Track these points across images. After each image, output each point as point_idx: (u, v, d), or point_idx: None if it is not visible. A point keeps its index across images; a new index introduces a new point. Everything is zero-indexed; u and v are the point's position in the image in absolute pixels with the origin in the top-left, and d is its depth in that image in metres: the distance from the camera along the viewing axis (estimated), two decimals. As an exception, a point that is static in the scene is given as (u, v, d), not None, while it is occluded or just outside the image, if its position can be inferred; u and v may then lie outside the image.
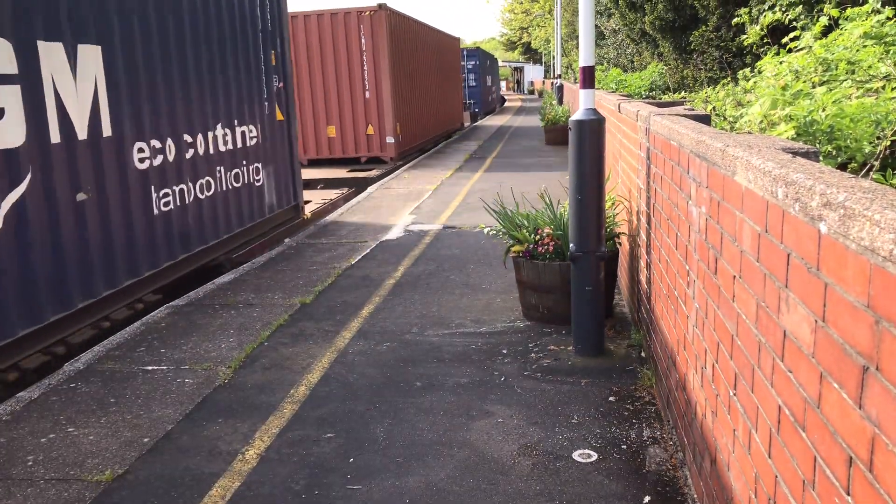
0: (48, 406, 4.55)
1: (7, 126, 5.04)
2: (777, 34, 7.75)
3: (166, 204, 7.01)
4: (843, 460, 1.50)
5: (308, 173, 15.32)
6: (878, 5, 5.41)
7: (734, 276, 2.40)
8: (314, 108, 17.26)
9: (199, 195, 7.62)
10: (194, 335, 5.76)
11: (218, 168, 7.99)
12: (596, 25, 16.54)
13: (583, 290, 4.89)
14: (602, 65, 22.20)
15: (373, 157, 17.29)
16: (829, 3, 6.78)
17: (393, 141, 17.01)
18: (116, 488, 3.58)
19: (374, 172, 16.05)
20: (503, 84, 71.54)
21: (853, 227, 1.40)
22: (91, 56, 5.93)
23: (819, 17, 6.03)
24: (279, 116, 9.63)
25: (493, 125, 30.48)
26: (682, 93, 11.54)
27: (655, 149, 4.21)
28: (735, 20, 9.19)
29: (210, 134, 7.84)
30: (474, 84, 37.11)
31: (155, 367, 5.12)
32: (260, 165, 9.02)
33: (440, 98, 24.24)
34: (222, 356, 5.27)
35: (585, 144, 4.70)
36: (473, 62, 37.07)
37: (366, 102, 16.95)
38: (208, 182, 7.80)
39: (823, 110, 3.72)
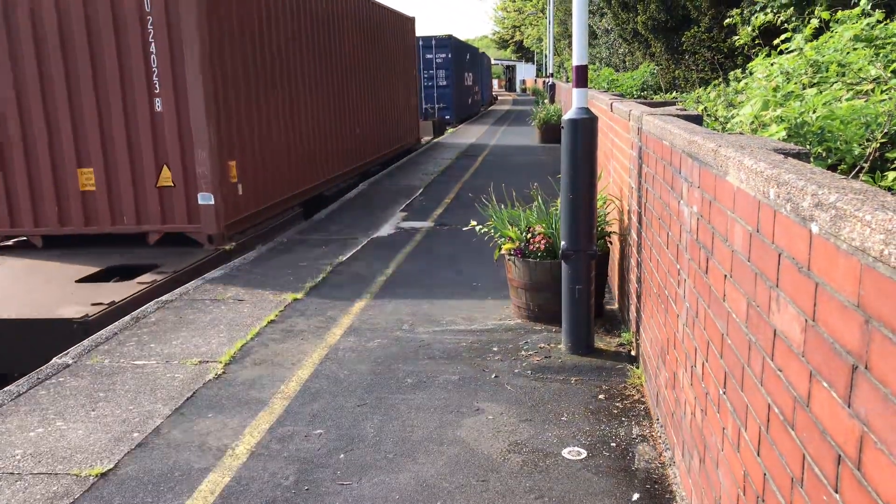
0: (36, 400, 4.53)
1: None
2: (768, 36, 7.79)
3: None
4: (831, 458, 1.52)
5: None
6: (869, 8, 5.45)
7: (725, 276, 2.41)
8: (50, 132, 8.37)
9: None
10: (184, 330, 5.74)
11: None
12: (588, 25, 16.43)
13: (573, 288, 4.91)
14: (594, 64, 22.24)
15: (175, 231, 8.51)
16: (820, 6, 6.83)
17: (212, 202, 8.30)
18: (105, 483, 3.57)
19: (127, 292, 6.77)
20: (495, 82, 71.31)
21: (844, 227, 1.41)
22: None
23: (810, 19, 6.07)
24: None
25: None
26: (674, 93, 11.59)
27: (647, 148, 4.22)
28: (727, 21, 9.23)
29: None
30: (445, 83, 28.40)
31: (145, 362, 5.10)
32: None
33: (368, 106, 14.86)
34: (212, 351, 5.26)
35: (578, 143, 4.72)
36: (444, 55, 28.32)
37: (155, 121, 8.27)
38: None
39: (814, 112, 3.74)
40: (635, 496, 3.32)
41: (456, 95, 29.87)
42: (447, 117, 28.46)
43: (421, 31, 47.89)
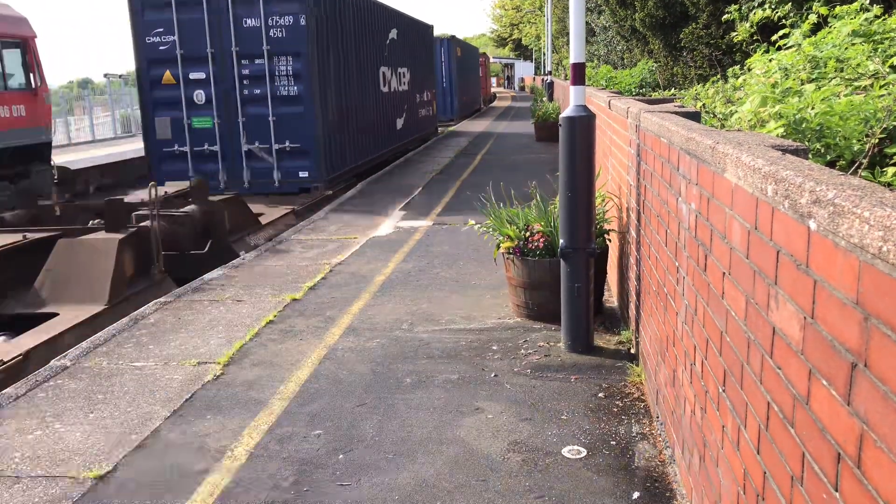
0: (35, 402, 4.52)
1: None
2: (766, 32, 7.77)
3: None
4: (831, 456, 1.51)
5: None
6: (867, 3, 5.43)
7: (723, 273, 2.40)
8: None
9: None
10: (183, 331, 5.72)
11: None
12: (586, 22, 16.37)
13: (573, 286, 4.90)
14: (592, 61, 22.22)
15: None
16: (818, 1, 6.81)
17: None
18: (103, 486, 3.55)
19: None
20: (494, 80, 71.18)
21: (842, 224, 1.40)
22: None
23: (808, 14, 6.05)
24: None
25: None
26: (672, 90, 11.57)
27: (645, 146, 4.21)
28: (725, 17, 9.21)
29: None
30: (293, 91, 12.08)
31: (143, 364, 5.09)
32: None
33: None
34: (211, 352, 5.25)
35: (576, 141, 4.70)
36: (290, 18, 11.93)
37: None
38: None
39: (812, 108, 3.73)
40: (635, 495, 3.31)
41: (329, 121, 12.62)
42: (305, 174, 12.28)
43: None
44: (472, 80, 37.69)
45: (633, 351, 4.92)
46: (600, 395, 4.34)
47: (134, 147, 18.67)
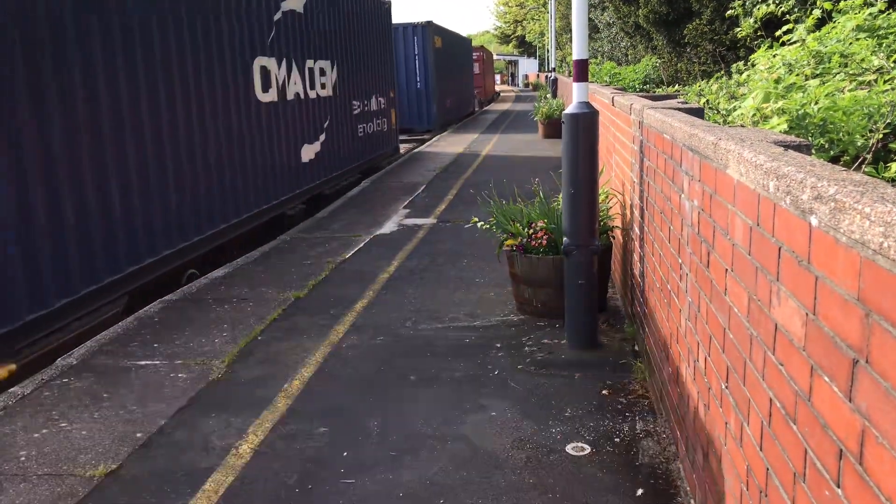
0: (41, 401, 4.54)
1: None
2: (770, 27, 7.76)
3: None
4: (833, 453, 1.51)
5: None
6: (871, -2, 5.41)
7: (726, 270, 2.40)
8: None
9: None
10: (188, 330, 5.74)
11: None
12: (590, 19, 16.29)
13: (576, 283, 4.90)
14: (596, 58, 22.18)
15: None
16: (822, -4, 6.78)
17: None
18: (109, 483, 3.57)
19: None
20: (497, 77, 71.06)
21: (844, 220, 1.40)
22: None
23: (812, 9, 6.03)
24: None
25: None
26: (676, 86, 11.54)
27: (648, 142, 4.21)
28: (728, 13, 9.20)
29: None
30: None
31: (148, 362, 5.10)
32: None
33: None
34: (216, 351, 5.26)
35: (579, 138, 4.70)
36: None
37: None
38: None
39: (816, 103, 3.72)
40: (640, 491, 3.31)
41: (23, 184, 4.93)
42: None
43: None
44: (462, 78, 29.96)
45: (636, 348, 4.92)
46: (604, 391, 4.35)
47: None
